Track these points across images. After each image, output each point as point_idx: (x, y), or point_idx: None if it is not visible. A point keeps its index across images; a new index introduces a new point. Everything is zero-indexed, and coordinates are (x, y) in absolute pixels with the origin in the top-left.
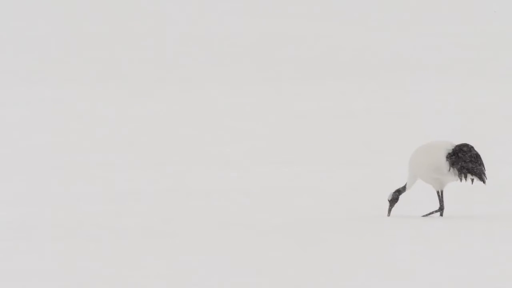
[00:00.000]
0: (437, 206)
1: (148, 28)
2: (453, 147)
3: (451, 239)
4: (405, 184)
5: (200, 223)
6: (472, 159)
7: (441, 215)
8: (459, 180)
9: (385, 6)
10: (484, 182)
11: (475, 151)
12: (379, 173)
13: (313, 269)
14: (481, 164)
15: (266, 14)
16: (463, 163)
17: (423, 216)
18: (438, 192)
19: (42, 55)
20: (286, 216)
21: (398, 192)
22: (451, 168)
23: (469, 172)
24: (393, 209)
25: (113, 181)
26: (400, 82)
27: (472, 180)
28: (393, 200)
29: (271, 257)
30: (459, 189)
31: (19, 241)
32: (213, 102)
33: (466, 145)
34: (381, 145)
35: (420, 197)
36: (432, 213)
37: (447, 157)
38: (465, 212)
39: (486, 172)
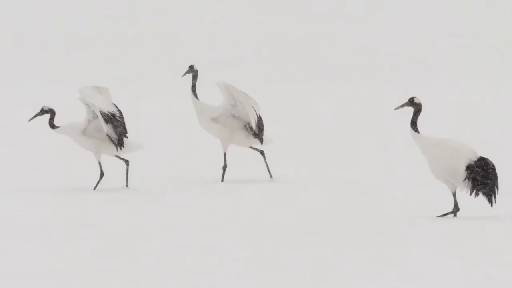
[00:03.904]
0: (451, 207)
1: (158, 29)
2: (476, 159)
3: (466, 240)
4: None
5: (212, 224)
6: (490, 178)
7: (455, 215)
8: (468, 192)
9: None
10: (491, 205)
11: (494, 169)
12: (393, 173)
13: (327, 269)
14: (496, 184)
15: (275, 15)
16: (480, 182)
17: (438, 216)
18: (453, 193)
19: (54, 56)
20: (300, 216)
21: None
22: (467, 180)
23: (481, 192)
24: (407, 210)
25: (130, 182)
26: (410, 82)
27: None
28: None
29: (285, 257)
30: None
31: (37, 242)
32: None
33: (486, 160)
34: (395, 145)
35: (435, 197)
36: (447, 214)
37: (466, 168)
38: (481, 213)
39: (498, 192)
